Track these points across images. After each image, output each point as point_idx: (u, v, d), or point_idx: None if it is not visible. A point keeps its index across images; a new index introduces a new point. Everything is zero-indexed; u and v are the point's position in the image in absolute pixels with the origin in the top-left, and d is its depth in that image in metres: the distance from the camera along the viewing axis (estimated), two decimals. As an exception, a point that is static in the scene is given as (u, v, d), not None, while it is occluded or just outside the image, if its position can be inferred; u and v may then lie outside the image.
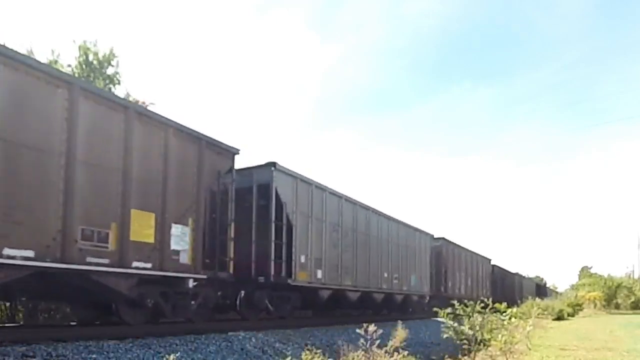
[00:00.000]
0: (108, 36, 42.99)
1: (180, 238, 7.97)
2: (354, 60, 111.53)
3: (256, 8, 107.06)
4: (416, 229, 18.48)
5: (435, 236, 21.02)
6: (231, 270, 9.05)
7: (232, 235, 9.09)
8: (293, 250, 10.56)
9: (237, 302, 9.91)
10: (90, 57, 13.57)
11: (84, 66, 13.31)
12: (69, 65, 13.40)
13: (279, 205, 10.34)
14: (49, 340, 6.02)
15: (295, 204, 10.81)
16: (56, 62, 13.15)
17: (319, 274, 11.50)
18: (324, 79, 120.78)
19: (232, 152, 9.26)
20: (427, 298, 19.23)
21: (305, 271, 10.95)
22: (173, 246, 7.82)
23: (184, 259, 8.03)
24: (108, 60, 13.86)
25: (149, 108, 10.32)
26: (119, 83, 14.12)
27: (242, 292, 9.96)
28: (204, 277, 8.45)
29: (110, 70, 13.94)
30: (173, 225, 7.85)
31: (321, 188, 12.01)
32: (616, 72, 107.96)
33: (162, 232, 7.62)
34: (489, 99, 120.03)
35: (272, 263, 10.07)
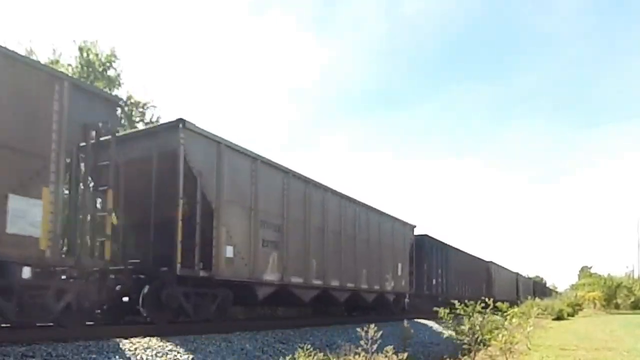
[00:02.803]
0: (106, 36, 42.97)
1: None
2: (352, 60, 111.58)
3: (251, 9, 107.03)
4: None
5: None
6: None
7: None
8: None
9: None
10: (91, 57, 13.57)
11: (84, 67, 13.30)
12: (70, 65, 13.40)
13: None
14: (49, 340, 6.01)
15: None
16: (57, 62, 13.15)
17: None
18: (321, 79, 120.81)
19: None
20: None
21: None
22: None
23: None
24: (109, 61, 13.86)
25: (149, 110, 10.22)
26: (120, 85, 14.13)
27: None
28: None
29: (111, 73, 13.94)
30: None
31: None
32: (616, 72, 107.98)
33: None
34: (488, 99, 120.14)
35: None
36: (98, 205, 7.14)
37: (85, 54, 13.52)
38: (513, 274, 40.99)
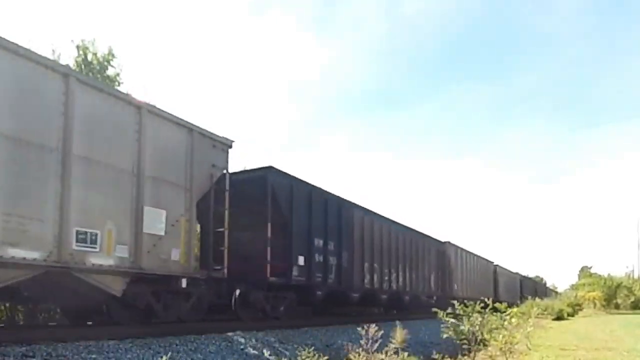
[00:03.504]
0: (105, 36, 42.95)
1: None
2: (351, 60, 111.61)
3: (252, 9, 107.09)
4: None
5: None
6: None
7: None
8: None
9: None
10: (90, 57, 13.52)
11: (82, 66, 13.26)
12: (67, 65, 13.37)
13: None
14: (49, 340, 6.02)
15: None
16: (56, 62, 13.11)
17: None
18: (321, 79, 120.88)
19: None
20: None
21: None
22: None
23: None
24: (108, 60, 13.81)
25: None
26: (119, 84, 14.07)
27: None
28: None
29: (110, 71, 13.90)
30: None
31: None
32: (616, 72, 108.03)
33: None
34: (488, 99, 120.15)
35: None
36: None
37: (82, 53, 13.45)
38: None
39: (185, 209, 8.01)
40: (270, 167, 10.53)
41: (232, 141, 9.14)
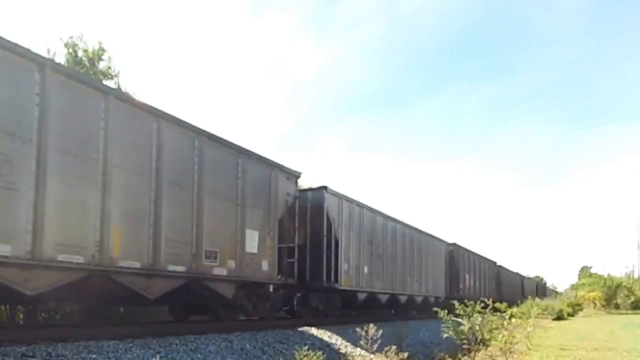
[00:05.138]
0: (104, 35, 42.95)
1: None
2: (350, 60, 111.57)
3: (252, 9, 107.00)
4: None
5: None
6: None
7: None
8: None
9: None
10: (80, 54, 13.38)
11: (73, 64, 13.10)
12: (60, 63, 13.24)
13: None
14: (49, 340, 6.02)
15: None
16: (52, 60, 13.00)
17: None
18: (318, 79, 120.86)
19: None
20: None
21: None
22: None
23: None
24: (98, 55, 13.66)
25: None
26: (111, 77, 13.92)
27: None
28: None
29: (102, 65, 13.74)
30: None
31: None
32: (615, 71, 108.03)
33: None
34: (488, 99, 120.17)
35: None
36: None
37: (71, 50, 13.27)
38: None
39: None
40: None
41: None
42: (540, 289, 55.73)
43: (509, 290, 34.84)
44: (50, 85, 5.90)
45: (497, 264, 32.75)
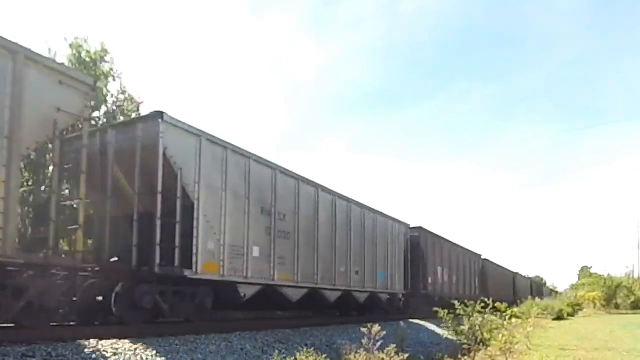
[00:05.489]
0: (104, 35, 42.93)
1: None
2: (350, 60, 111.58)
3: (252, 9, 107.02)
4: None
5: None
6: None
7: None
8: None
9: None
10: (83, 55, 13.45)
11: (77, 65, 13.19)
12: (62, 64, 13.29)
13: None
14: (49, 340, 6.01)
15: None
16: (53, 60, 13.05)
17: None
18: (318, 79, 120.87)
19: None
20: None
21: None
22: None
23: None
24: (100, 56, 13.74)
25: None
26: (114, 79, 14.01)
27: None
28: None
29: (105, 67, 13.82)
30: None
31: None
32: (615, 71, 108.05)
33: None
34: (488, 99, 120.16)
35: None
36: None
37: (75, 51, 13.37)
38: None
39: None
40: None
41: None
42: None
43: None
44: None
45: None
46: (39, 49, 12.54)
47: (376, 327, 6.52)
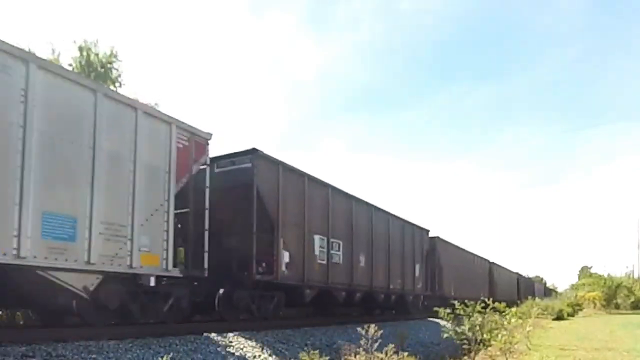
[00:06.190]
0: (108, 35, 42.98)
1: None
2: (349, 60, 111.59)
3: (252, 9, 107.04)
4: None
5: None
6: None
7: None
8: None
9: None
10: (92, 58, 13.50)
11: (85, 68, 13.23)
12: (70, 65, 13.32)
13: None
14: (49, 340, 6.01)
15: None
16: (57, 61, 13.07)
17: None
18: (318, 79, 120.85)
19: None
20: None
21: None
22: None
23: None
24: (110, 61, 13.79)
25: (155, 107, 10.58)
26: (120, 85, 14.08)
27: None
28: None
29: (113, 73, 13.90)
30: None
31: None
32: (615, 71, 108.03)
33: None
34: (487, 98, 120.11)
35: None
36: None
37: (85, 54, 13.43)
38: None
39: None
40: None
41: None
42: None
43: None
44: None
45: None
46: (42, 50, 12.64)
47: (372, 328, 6.51)
